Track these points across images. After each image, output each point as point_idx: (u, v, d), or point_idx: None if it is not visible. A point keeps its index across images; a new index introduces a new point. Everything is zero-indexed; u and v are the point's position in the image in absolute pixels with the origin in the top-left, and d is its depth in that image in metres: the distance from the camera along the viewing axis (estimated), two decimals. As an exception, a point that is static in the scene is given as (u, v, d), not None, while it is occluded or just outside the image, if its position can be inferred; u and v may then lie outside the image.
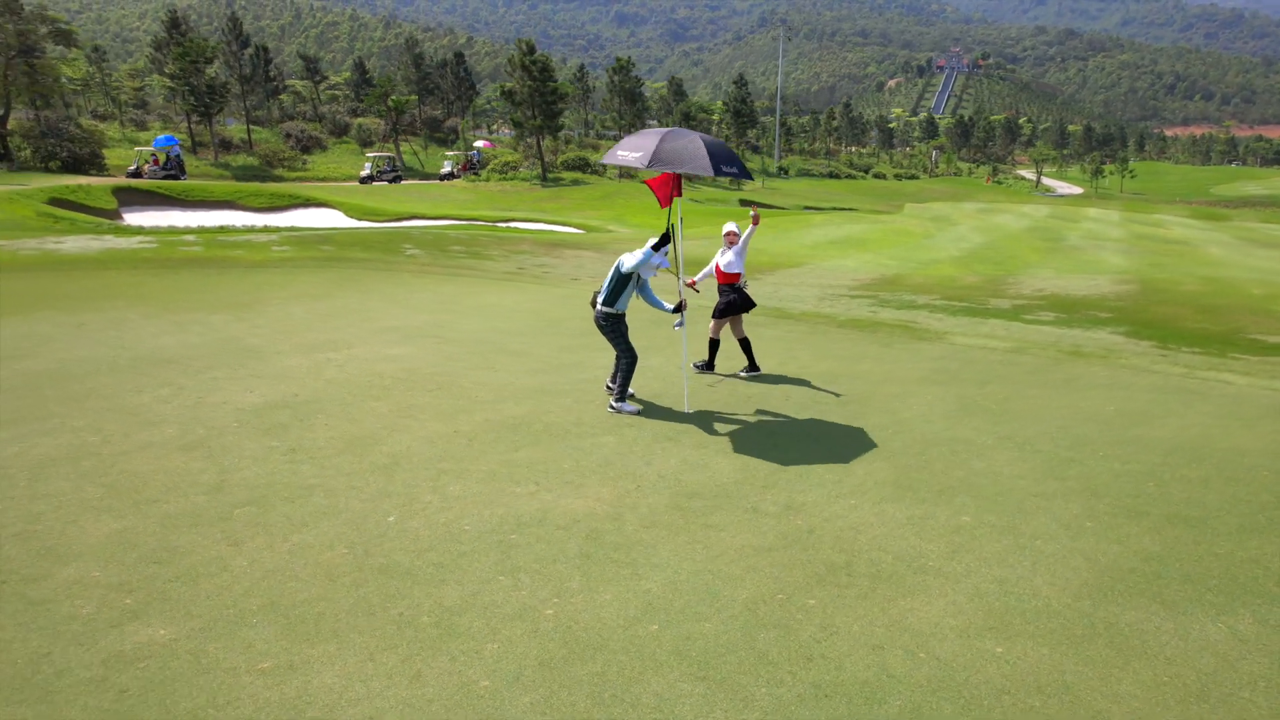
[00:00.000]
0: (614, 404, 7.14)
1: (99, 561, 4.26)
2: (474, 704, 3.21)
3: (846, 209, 53.19)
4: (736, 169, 6.57)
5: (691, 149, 6.37)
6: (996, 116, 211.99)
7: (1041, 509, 5.18)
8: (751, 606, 3.96)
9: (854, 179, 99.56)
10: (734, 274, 8.40)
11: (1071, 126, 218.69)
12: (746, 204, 50.40)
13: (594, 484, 5.48)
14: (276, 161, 60.26)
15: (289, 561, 4.31)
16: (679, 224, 7.07)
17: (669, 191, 6.90)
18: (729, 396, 7.81)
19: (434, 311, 12.06)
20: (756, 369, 8.65)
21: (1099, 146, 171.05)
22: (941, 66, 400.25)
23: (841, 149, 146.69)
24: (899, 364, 9.40)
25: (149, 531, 4.61)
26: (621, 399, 7.15)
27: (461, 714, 3.15)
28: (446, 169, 62.06)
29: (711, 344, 8.70)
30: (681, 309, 7.15)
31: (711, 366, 8.76)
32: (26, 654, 3.47)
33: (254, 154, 61.60)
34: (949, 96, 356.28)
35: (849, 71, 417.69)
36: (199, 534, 4.60)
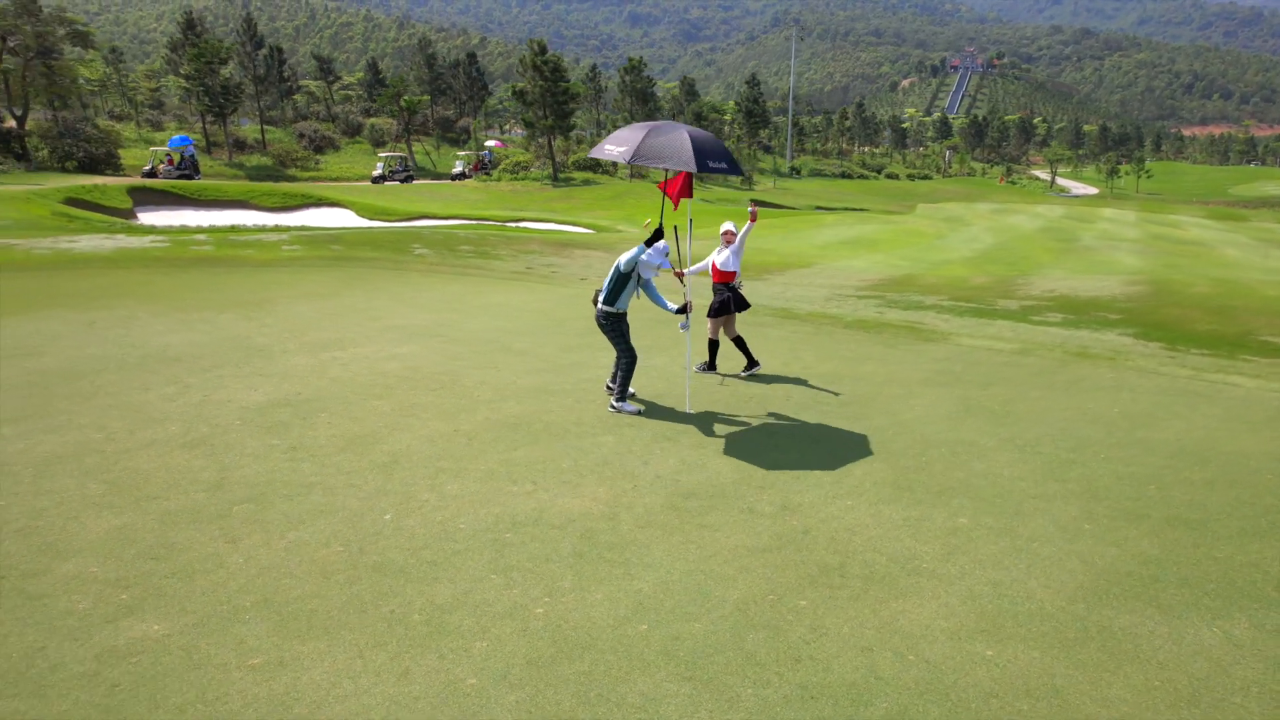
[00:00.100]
0: (614, 404, 7.15)
1: (98, 557, 4.31)
2: (460, 701, 3.23)
3: (858, 209, 53.02)
4: (725, 164, 6.26)
5: (676, 144, 6.11)
6: (1011, 116, 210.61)
7: (1040, 511, 5.15)
8: (742, 607, 3.96)
9: (866, 179, 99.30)
10: (729, 273, 8.38)
11: (1087, 126, 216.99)
12: (758, 204, 50.26)
13: (591, 483, 5.49)
14: (290, 161, 60.72)
15: (284, 559, 4.35)
16: (689, 224, 7.06)
17: (680, 193, 6.85)
18: (730, 397, 7.81)
19: (440, 311, 12.11)
20: (755, 364, 8.63)
21: (1115, 146, 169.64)
22: (956, 66, 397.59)
23: (854, 149, 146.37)
24: (903, 365, 9.36)
25: (148, 528, 4.67)
26: (622, 399, 7.15)
27: (447, 711, 3.17)
28: (458, 169, 62.33)
29: (711, 344, 8.69)
30: (686, 310, 7.14)
31: (713, 367, 8.75)
32: (22, 648, 3.52)
33: (268, 154, 62.11)
34: (963, 96, 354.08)
35: (862, 71, 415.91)
36: (197, 531, 4.65)
